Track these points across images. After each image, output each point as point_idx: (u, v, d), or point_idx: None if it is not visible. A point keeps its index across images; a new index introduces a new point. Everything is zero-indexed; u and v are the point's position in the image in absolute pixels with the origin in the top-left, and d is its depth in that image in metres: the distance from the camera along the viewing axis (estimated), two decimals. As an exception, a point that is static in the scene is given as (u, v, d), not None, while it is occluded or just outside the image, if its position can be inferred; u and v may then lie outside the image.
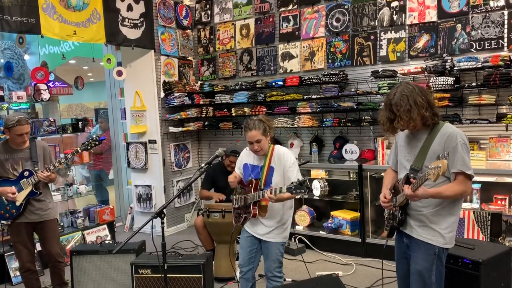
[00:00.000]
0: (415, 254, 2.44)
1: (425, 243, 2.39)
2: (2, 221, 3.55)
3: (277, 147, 3.11)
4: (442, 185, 2.33)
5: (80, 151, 3.67)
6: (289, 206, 3.13)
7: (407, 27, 4.78)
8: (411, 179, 2.34)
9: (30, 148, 3.55)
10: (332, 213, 5.13)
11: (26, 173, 3.47)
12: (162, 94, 5.92)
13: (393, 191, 2.59)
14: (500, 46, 4.26)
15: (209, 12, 6.26)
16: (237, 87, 5.75)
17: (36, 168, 3.49)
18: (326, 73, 5.09)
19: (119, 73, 5.75)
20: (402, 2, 4.79)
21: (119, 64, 5.96)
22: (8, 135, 3.44)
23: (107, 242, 3.98)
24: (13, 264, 4.39)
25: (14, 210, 3.45)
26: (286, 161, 3.01)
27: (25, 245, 3.53)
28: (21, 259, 3.55)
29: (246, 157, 3.21)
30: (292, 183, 2.73)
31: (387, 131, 2.51)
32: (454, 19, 4.50)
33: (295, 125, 5.32)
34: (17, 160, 3.50)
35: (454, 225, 2.43)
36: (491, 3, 4.28)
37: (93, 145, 3.68)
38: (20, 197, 3.44)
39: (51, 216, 3.65)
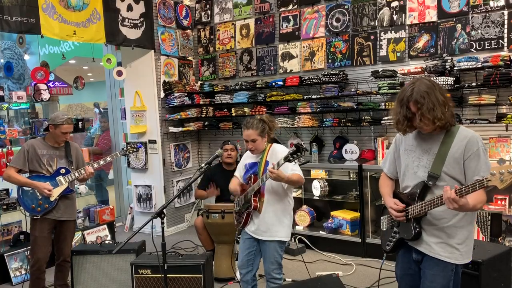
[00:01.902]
0: (431, 272, 2.24)
1: (442, 261, 2.20)
2: (31, 215, 3.62)
3: (274, 145, 3.15)
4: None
5: (119, 155, 3.89)
6: (286, 200, 3.08)
7: (407, 27, 4.78)
8: (456, 186, 2.06)
9: (65, 148, 3.70)
10: (332, 213, 5.13)
11: (63, 171, 3.62)
12: (162, 94, 5.92)
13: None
14: (500, 46, 4.26)
15: (209, 12, 6.26)
16: (237, 87, 5.75)
17: (72, 167, 3.66)
18: (326, 73, 5.09)
19: (119, 73, 5.75)
20: (402, 2, 4.79)
21: (119, 64, 5.96)
22: (52, 131, 3.58)
23: (107, 242, 3.99)
24: (13, 264, 4.40)
25: (47, 205, 3.56)
26: (280, 155, 2.99)
27: (44, 243, 3.59)
28: (36, 256, 3.58)
29: (246, 158, 3.24)
30: (288, 152, 2.71)
31: (401, 130, 2.25)
32: (454, 19, 4.50)
33: (295, 125, 5.32)
34: (53, 157, 3.64)
35: (471, 239, 2.25)
36: (491, 3, 4.28)
37: (131, 151, 3.92)
38: (56, 193, 3.57)
39: (73, 216, 3.80)
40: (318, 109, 5.17)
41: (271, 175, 2.80)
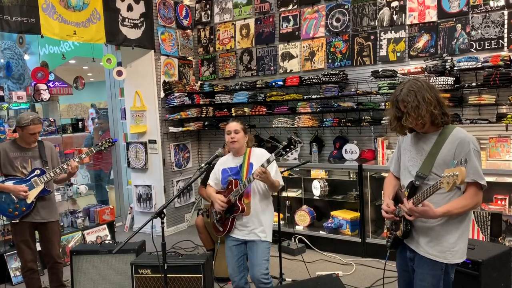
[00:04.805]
0: (420, 271, 2.28)
1: (431, 260, 2.22)
2: (9, 220, 3.56)
3: (254, 148, 3.16)
4: (450, 196, 2.17)
5: (94, 151, 3.77)
6: (269, 200, 3.09)
7: (407, 27, 4.78)
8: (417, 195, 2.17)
9: (38, 148, 3.60)
10: (332, 213, 5.13)
11: (38, 172, 3.52)
12: (162, 94, 5.92)
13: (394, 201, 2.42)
14: (500, 46, 4.26)
15: (209, 12, 6.26)
16: (237, 87, 5.75)
17: (46, 167, 3.55)
18: (326, 73, 5.09)
19: (119, 73, 5.75)
20: (402, 2, 4.79)
21: (119, 64, 5.96)
22: (20, 133, 3.49)
23: (107, 242, 3.98)
24: (13, 264, 4.40)
25: (24, 208, 3.47)
26: (265, 157, 2.98)
27: (28, 245, 3.54)
28: (24, 258, 3.55)
29: (222, 164, 3.20)
30: (279, 147, 2.72)
31: (394, 130, 2.33)
32: (454, 19, 4.50)
33: (295, 125, 5.32)
34: (26, 159, 3.55)
35: (463, 239, 2.24)
36: (491, 3, 4.28)
37: (106, 146, 3.79)
38: (32, 195, 3.48)
39: (55, 217, 3.69)
40: (318, 109, 5.16)
41: (261, 175, 2.79)
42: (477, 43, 4.38)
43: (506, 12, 4.22)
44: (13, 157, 3.50)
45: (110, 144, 3.79)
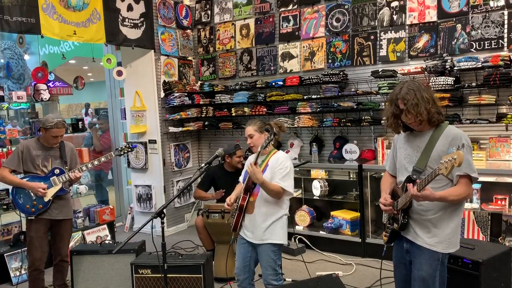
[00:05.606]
0: (418, 260, 2.39)
1: (428, 249, 2.34)
2: (26, 216, 3.60)
3: (279, 152, 3.10)
4: (444, 188, 2.30)
5: (114, 156, 3.88)
6: (277, 204, 3.00)
7: (407, 27, 4.78)
8: (417, 181, 2.27)
9: (60, 148, 3.69)
10: (332, 213, 5.13)
11: (57, 171, 3.60)
12: (162, 94, 5.92)
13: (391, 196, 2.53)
14: (500, 46, 4.26)
15: (209, 12, 6.26)
16: (237, 87, 5.75)
17: (66, 167, 3.64)
18: (326, 73, 5.09)
19: (119, 73, 5.75)
20: (402, 2, 4.79)
21: (119, 64, 5.96)
22: (44, 134, 3.57)
23: (107, 242, 3.99)
24: (13, 264, 4.40)
25: (41, 205, 3.54)
26: (279, 163, 2.97)
27: (40, 243, 3.58)
28: (33, 256, 3.58)
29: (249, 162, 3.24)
30: (264, 139, 2.93)
31: (390, 127, 2.46)
32: (454, 19, 4.50)
33: (295, 125, 5.32)
34: (48, 158, 3.63)
35: (458, 229, 2.39)
36: (491, 3, 4.28)
37: (126, 151, 3.91)
38: (50, 194, 3.55)
39: (70, 215, 3.79)
40: (318, 109, 5.16)
41: (249, 168, 2.87)
42: (477, 43, 4.38)
43: (506, 12, 4.22)
44: (35, 155, 3.58)
45: (129, 150, 3.92)
